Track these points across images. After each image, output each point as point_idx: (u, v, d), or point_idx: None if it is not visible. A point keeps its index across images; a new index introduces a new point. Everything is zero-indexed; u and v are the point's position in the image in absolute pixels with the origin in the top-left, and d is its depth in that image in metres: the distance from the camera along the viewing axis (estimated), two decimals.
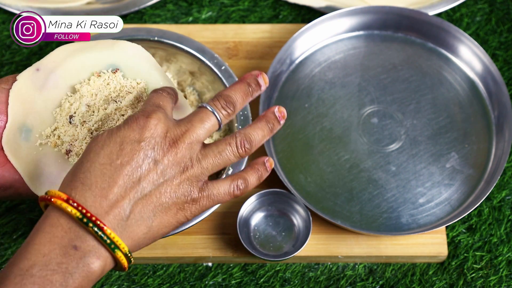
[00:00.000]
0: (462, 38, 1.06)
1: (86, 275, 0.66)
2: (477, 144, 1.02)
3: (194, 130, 0.72)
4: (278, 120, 0.77)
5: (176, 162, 0.71)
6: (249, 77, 0.77)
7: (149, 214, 0.70)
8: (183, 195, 0.71)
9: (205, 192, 0.73)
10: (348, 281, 0.97)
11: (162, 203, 0.70)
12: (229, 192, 0.75)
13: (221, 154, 0.73)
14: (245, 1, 1.15)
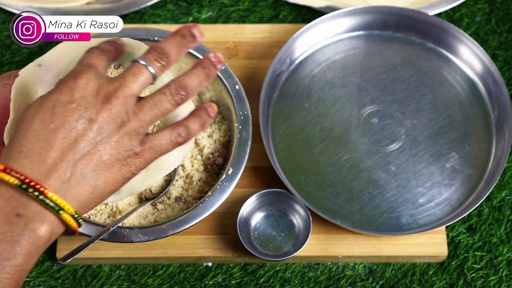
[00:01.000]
0: (462, 38, 1.06)
1: (33, 241, 0.66)
2: (477, 144, 1.02)
3: (127, 84, 0.71)
4: (214, 65, 0.76)
5: (112, 118, 0.70)
6: (183, 29, 0.76)
7: (92, 174, 0.69)
8: (124, 150, 0.71)
9: (146, 145, 0.72)
10: (348, 281, 0.97)
11: (104, 161, 0.70)
12: (171, 141, 0.73)
13: (157, 105, 0.72)
14: (245, 1, 1.15)
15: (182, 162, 0.94)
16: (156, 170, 0.81)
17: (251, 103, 0.97)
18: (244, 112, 0.94)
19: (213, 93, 0.99)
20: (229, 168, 0.91)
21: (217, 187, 0.90)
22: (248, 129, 0.93)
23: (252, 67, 1.08)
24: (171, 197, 0.94)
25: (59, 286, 0.96)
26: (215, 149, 0.95)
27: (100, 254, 0.96)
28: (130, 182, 0.79)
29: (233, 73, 0.97)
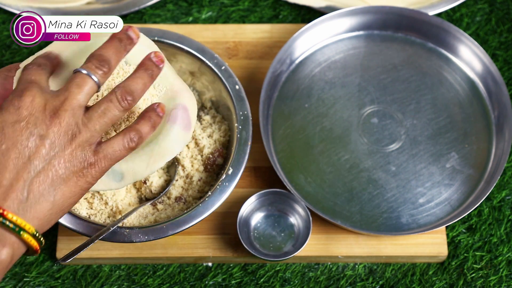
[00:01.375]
0: (462, 38, 1.06)
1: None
2: (477, 144, 1.02)
3: (73, 96, 0.71)
4: (157, 65, 0.76)
5: (63, 132, 0.70)
6: (119, 33, 0.76)
7: (49, 190, 0.69)
8: (79, 162, 0.71)
9: (100, 154, 0.72)
10: (348, 281, 0.97)
11: (59, 176, 0.70)
12: (124, 146, 0.74)
13: (105, 113, 0.72)
14: (245, 1, 1.15)
15: (182, 162, 0.94)
16: (159, 156, 0.81)
17: (251, 103, 0.97)
18: (244, 112, 0.94)
19: (213, 93, 0.99)
20: (229, 168, 0.91)
21: (217, 187, 0.90)
22: (248, 129, 0.93)
23: (252, 67, 1.08)
24: (171, 197, 0.94)
25: (59, 286, 0.96)
26: (215, 149, 0.95)
27: (100, 254, 0.96)
28: (134, 168, 0.80)
29: (233, 73, 0.96)
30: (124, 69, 0.81)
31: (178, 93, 0.82)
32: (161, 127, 0.81)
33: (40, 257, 0.97)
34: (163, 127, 0.81)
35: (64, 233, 0.96)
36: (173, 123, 0.81)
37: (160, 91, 0.82)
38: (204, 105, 1.01)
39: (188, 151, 0.95)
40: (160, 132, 0.80)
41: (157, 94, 0.82)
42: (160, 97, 0.82)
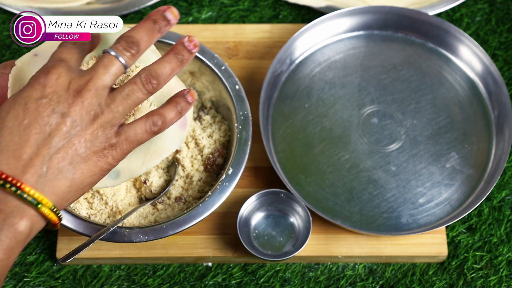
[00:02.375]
0: (462, 38, 1.06)
1: (13, 236, 0.66)
2: (477, 144, 1.02)
3: (98, 76, 0.71)
4: (189, 50, 0.75)
5: (85, 111, 0.70)
6: (156, 13, 0.75)
7: (68, 167, 0.70)
8: (99, 142, 0.71)
9: (122, 136, 0.72)
10: (348, 281, 0.97)
11: (79, 154, 0.70)
12: (146, 130, 0.74)
13: (129, 95, 0.72)
14: (245, 1, 1.15)
15: (182, 162, 0.94)
16: (155, 153, 0.81)
17: (251, 103, 0.97)
18: (244, 112, 0.94)
19: (213, 93, 0.99)
20: (229, 168, 0.91)
21: (217, 187, 0.90)
22: (248, 129, 0.93)
23: (252, 67, 1.08)
24: (171, 197, 0.94)
25: (59, 286, 0.96)
26: (215, 149, 0.95)
27: (100, 254, 0.96)
28: (129, 165, 0.80)
29: (233, 73, 0.96)
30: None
31: (174, 91, 0.82)
32: None
33: (40, 257, 0.97)
34: None
35: (64, 233, 0.96)
36: None
37: None
38: (204, 105, 1.01)
39: (188, 151, 0.95)
40: None
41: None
42: (155, 95, 0.82)
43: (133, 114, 0.79)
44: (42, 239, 0.98)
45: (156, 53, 0.84)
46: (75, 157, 0.70)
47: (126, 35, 0.74)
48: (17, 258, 0.97)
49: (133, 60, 0.73)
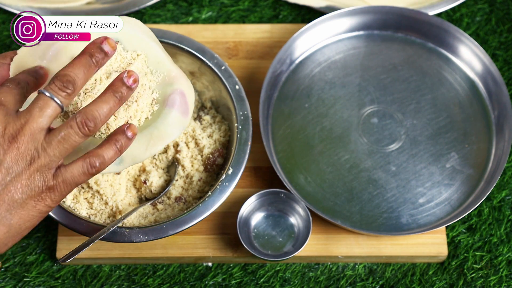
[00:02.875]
0: (462, 38, 1.06)
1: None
2: (477, 144, 1.02)
3: (33, 120, 0.70)
4: (128, 86, 0.74)
5: (20, 157, 0.69)
6: (92, 46, 0.74)
7: (4, 214, 0.69)
8: (36, 186, 0.70)
9: (59, 178, 0.71)
10: (348, 281, 0.97)
11: (16, 200, 0.69)
12: (84, 172, 0.72)
13: (65, 139, 0.71)
14: (245, 1, 1.15)
15: (182, 162, 0.94)
16: (157, 139, 0.81)
17: (251, 103, 0.97)
18: (244, 112, 0.94)
19: (213, 93, 0.99)
20: (229, 168, 0.91)
21: (217, 187, 0.90)
22: (248, 129, 0.93)
23: (252, 67, 1.08)
24: (171, 197, 0.94)
25: (59, 286, 0.96)
26: (215, 149, 0.95)
27: (100, 254, 0.96)
28: (133, 151, 0.79)
29: (233, 73, 0.96)
30: (122, 55, 0.81)
31: (175, 79, 0.82)
32: (159, 111, 0.81)
33: (40, 257, 0.97)
34: (162, 111, 0.81)
35: (64, 233, 0.96)
36: (171, 107, 0.81)
37: (158, 77, 0.82)
38: (204, 105, 1.01)
39: (188, 151, 0.95)
40: (159, 116, 0.80)
41: (155, 79, 0.82)
42: (157, 83, 0.82)
43: (115, 119, 0.79)
44: (42, 239, 0.98)
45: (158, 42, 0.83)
46: (11, 203, 0.69)
47: (61, 73, 0.72)
48: (17, 258, 0.97)
49: (69, 100, 0.72)
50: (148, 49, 0.82)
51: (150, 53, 0.82)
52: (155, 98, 0.81)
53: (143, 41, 0.82)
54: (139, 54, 0.82)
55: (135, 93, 0.80)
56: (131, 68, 0.80)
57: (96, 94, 0.78)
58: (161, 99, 0.81)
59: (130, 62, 0.80)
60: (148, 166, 0.94)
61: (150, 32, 0.84)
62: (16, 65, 0.79)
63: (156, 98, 0.81)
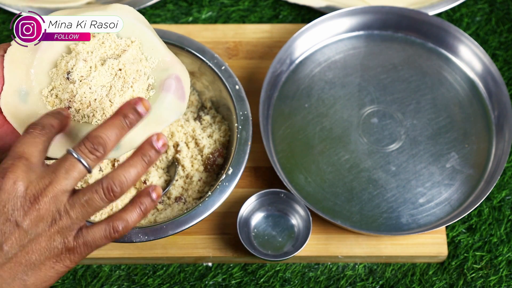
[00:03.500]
0: (462, 38, 1.06)
1: None
2: (477, 144, 1.02)
3: (58, 181, 0.68)
4: (157, 149, 0.71)
5: (40, 219, 0.67)
6: (126, 107, 0.71)
7: (21, 275, 0.67)
8: (55, 248, 0.68)
9: (80, 240, 0.69)
10: (348, 281, 0.97)
11: (33, 262, 0.68)
12: (106, 236, 0.70)
13: (88, 203, 0.69)
14: (245, 1, 1.15)
15: (182, 162, 0.94)
16: (154, 123, 0.80)
17: (251, 103, 0.97)
18: (244, 112, 0.94)
19: (213, 93, 0.99)
20: (229, 168, 0.91)
21: (217, 187, 0.90)
22: (248, 129, 0.93)
23: (252, 67, 1.08)
24: (171, 197, 0.94)
25: (59, 286, 0.96)
26: (215, 149, 0.95)
27: (100, 254, 0.96)
28: (129, 136, 0.76)
29: (233, 73, 0.96)
30: (116, 42, 0.81)
31: (170, 64, 0.82)
32: (155, 96, 0.80)
33: None
34: (158, 96, 0.80)
35: None
36: (167, 92, 0.80)
37: (153, 63, 0.82)
38: (204, 105, 1.01)
39: (188, 151, 0.95)
40: (155, 101, 0.80)
41: (150, 65, 0.82)
42: (152, 69, 0.82)
43: (111, 105, 0.77)
44: None
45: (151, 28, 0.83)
46: (28, 265, 0.68)
47: (93, 134, 0.70)
48: None
49: (96, 163, 0.70)
50: (142, 36, 0.82)
51: (144, 39, 0.82)
52: (151, 83, 0.80)
53: (137, 28, 0.82)
54: (133, 41, 0.81)
55: (131, 78, 0.80)
56: (125, 55, 0.80)
57: (91, 81, 0.78)
58: (157, 85, 0.81)
59: (124, 48, 0.80)
60: None
61: (144, 19, 0.84)
62: (10, 56, 0.79)
63: (152, 84, 0.80)
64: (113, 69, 0.79)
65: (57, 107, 0.78)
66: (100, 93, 0.78)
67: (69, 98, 0.78)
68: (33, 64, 0.79)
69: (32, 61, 0.79)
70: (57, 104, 0.79)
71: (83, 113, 0.78)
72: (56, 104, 0.79)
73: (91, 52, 0.80)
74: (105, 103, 0.79)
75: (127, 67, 0.79)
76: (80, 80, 0.78)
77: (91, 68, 0.79)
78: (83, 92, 0.78)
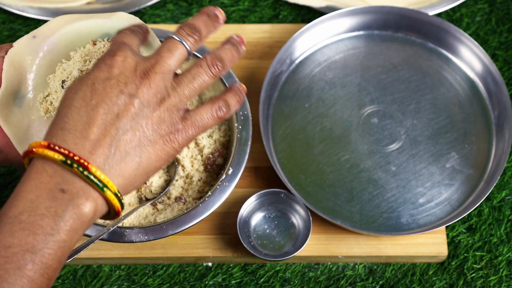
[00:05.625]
0: (462, 38, 1.06)
1: (77, 217, 0.65)
2: (477, 144, 1.02)
3: (163, 60, 0.71)
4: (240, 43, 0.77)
5: (152, 93, 0.70)
6: (207, 10, 0.77)
7: (135, 149, 0.69)
8: (166, 126, 0.71)
9: (188, 120, 0.72)
10: (348, 281, 0.97)
11: (147, 137, 0.69)
12: (212, 116, 0.74)
13: (195, 78, 0.72)
14: (245, 1, 1.15)
15: (182, 162, 0.94)
16: None
17: (251, 103, 0.97)
18: (244, 112, 0.94)
19: (213, 93, 0.99)
20: (229, 168, 0.91)
21: (217, 187, 0.90)
22: (248, 129, 0.93)
23: (252, 67, 1.08)
24: (171, 197, 0.94)
25: (59, 286, 0.96)
26: (215, 149, 0.95)
27: (100, 254, 0.96)
28: None
29: (233, 73, 0.96)
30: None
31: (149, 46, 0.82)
32: None
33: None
34: None
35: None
36: None
37: None
38: None
39: (188, 151, 0.95)
40: None
41: None
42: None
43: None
44: None
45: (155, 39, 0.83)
46: (142, 139, 0.69)
47: (188, 22, 0.75)
48: None
49: (195, 46, 0.74)
50: (144, 46, 0.82)
51: (146, 50, 0.82)
52: None
53: None
54: None
55: None
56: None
57: None
58: None
59: None
60: None
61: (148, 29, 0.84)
62: (10, 59, 0.78)
63: None
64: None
65: (50, 114, 0.79)
66: None
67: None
68: (32, 68, 0.79)
69: (32, 65, 0.79)
70: (51, 111, 0.79)
71: None
72: (50, 111, 0.79)
73: (89, 61, 0.79)
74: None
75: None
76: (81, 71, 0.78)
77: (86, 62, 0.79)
78: None
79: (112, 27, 0.81)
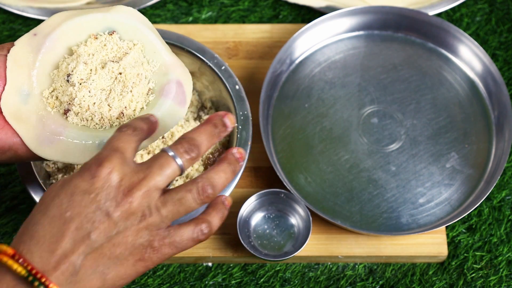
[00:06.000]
0: (462, 38, 1.06)
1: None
2: (477, 144, 1.02)
3: (152, 177, 0.67)
4: (239, 161, 0.73)
5: (131, 212, 0.66)
6: (215, 117, 0.72)
7: (102, 268, 0.66)
8: (141, 245, 0.67)
9: (166, 240, 0.69)
10: (348, 281, 0.97)
11: (117, 255, 0.67)
12: (193, 238, 0.70)
13: (181, 202, 0.68)
14: (245, 1, 1.15)
15: None
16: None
17: (251, 103, 0.97)
18: (244, 112, 0.94)
19: (213, 93, 0.99)
20: None
21: None
22: (248, 129, 0.93)
23: (252, 67, 1.08)
24: None
25: None
26: (215, 149, 0.95)
27: None
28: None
29: (233, 73, 0.96)
30: (118, 44, 0.81)
31: (171, 68, 0.82)
32: (154, 101, 0.80)
33: None
34: (157, 102, 0.80)
35: None
36: (166, 98, 0.79)
37: (154, 66, 0.82)
38: (204, 105, 1.01)
39: None
40: (154, 106, 0.79)
41: (151, 69, 0.81)
42: (154, 72, 0.81)
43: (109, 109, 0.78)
44: None
45: (155, 32, 0.83)
46: (112, 258, 0.66)
47: (189, 136, 0.70)
48: None
49: (190, 164, 0.70)
50: (145, 38, 0.82)
51: (147, 42, 0.82)
52: (151, 87, 0.80)
53: (140, 31, 0.82)
54: (135, 44, 0.81)
55: (130, 82, 0.80)
56: (127, 58, 0.80)
57: (91, 84, 0.78)
58: (157, 89, 0.80)
59: (126, 51, 0.80)
60: None
61: (147, 21, 0.83)
62: (13, 57, 0.79)
63: (152, 88, 0.80)
64: (113, 73, 0.79)
65: (57, 108, 0.79)
66: (100, 97, 0.78)
67: (68, 101, 0.78)
68: (35, 65, 0.80)
69: (35, 62, 0.79)
70: (57, 106, 0.79)
71: (82, 116, 0.78)
72: (56, 106, 0.79)
73: (92, 55, 0.79)
74: (103, 107, 0.79)
75: (127, 71, 0.79)
76: (79, 83, 0.78)
77: (91, 71, 0.79)
78: (82, 96, 0.78)
79: (112, 20, 0.81)
